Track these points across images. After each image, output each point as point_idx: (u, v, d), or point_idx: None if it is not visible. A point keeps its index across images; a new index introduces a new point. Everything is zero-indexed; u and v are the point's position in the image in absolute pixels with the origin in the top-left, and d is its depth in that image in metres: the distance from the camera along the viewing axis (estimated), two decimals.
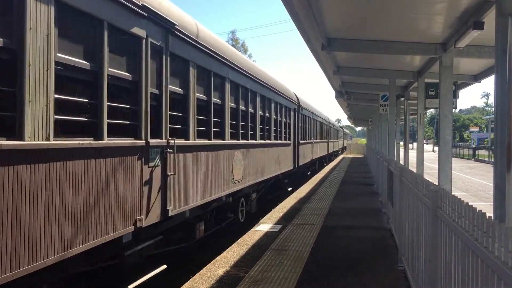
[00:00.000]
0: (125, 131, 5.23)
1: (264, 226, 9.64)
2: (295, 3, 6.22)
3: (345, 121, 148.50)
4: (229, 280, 5.99)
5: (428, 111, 37.18)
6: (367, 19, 6.97)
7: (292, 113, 16.76)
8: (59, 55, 4.07)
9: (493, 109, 4.91)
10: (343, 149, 63.12)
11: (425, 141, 18.65)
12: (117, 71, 5.01)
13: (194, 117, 7.03)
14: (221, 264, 6.74)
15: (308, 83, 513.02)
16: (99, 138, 4.60)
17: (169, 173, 6.06)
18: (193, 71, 6.99)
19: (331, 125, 36.36)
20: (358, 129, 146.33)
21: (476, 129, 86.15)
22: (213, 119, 7.93)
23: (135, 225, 5.24)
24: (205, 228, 8.36)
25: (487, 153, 44.11)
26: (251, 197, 11.86)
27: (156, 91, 5.85)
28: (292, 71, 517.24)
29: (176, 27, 6.26)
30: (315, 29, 7.21)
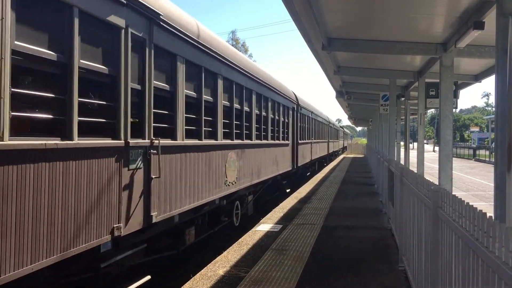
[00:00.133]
0: (101, 130, 4.81)
1: (264, 226, 9.64)
2: (295, 3, 6.22)
3: (346, 121, 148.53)
4: (229, 280, 5.99)
5: (428, 111, 37.14)
6: (368, 19, 6.97)
7: (290, 112, 16.31)
8: (16, 43, 3.60)
9: (494, 109, 4.91)
10: (343, 149, 63.05)
11: (425, 141, 18.64)
12: (91, 64, 4.50)
13: (182, 115, 6.55)
14: (222, 264, 6.74)
15: (308, 83, 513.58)
16: (68, 137, 4.12)
17: (153, 176, 5.60)
18: (181, 66, 6.51)
19: (331, 125, 36.01)
20: (358, 129, 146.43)
21: (476, 129, 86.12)
22: (204, 118, 7.48)
23: (112, 234, 4.76)
24: (197, 233, 7.98)
25: (487, 153, 44.10)
26: (247, 200, 11.45)
27: (138, 87, 5.38)
28: (292, 71, 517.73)
29: (161, 17, 5.79)
30: (316, 29, 7.22)
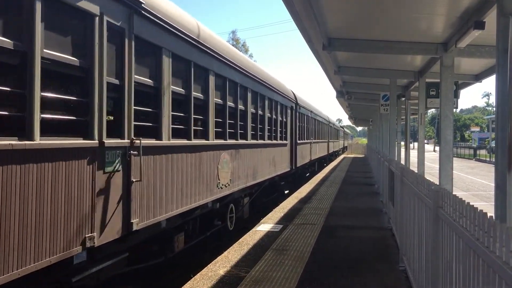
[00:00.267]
0: (71, 129, 4.40)
1: (265, 226, 9.64)
2: (296, 3, 6.22)
3: (346, 121, 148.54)
4: (230, 280, 5.99)
5: (429, 111, 37.15)
6: (368, 19, 6.97)
7: (288, 111, 15.81)
8: None
9: (494, 109, 4.92)
10: (343, 149, 62.99)
11: (426, 141, 18.64)
12: (58, 54, 4.04)
13: (168, 113, 6.10)
14: (222, 264, 6.75)
15: (308, 83, 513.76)
16: (27, 137, 3.69)
17: (134, 180, 5.15)
18: (167, 60, 6.04)
19: (331, 125, 35.62)
20: (359, 129, 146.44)
21: (477, 129, 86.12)
22: (194, 117, 7.01)
23: (84, 245, 4.30)
24: (187, 239, 7.52)
25: (486, 152, 44.20)
26: (242, 202, 10.98)
27: (115, 81, 4.92)
28: (292, 71, 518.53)
29: (143, 6, 5.34)
30: (316, 29, 7.22)
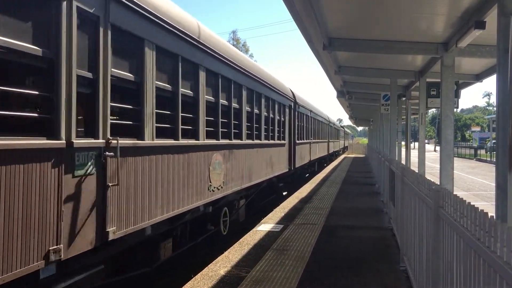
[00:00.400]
0: (32, 128, 4.00)
1: (265, 226, 9.65)
2: (296, 3, 6.22)
3: (347, 121, 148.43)
4: (230, 280, 5.99)
5: (429, 111, 37.16)
6: (369, 19, 6.97)
7: (287, 110, 15.32)
8: None
9: (495, 109, 4.92)
10: (344, 149, 62.90)
11: (426, 141, 18.63)
12: (12, 41, 3.59)
13: (151, 111, 5.62)
14: (223, 264, 6.75)
15: (309, 83, 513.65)
16: None
17: (110, 184, 4.68)
18: (151, 53, 5.59)
19: (331, 124, 35.30)
20: (359, 129, 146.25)
21: (477, 128, 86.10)
22: (182, 115, 6.53)
23: (47, 259, 3.84)
24: (175, 245, 7.09)
25: (485, 152, 44.26)
26: (237, 205, 10.54)
27: (88, 75, 4.45)
28: (292, 71, 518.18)
29: None
30: (317, 29, 7.21)
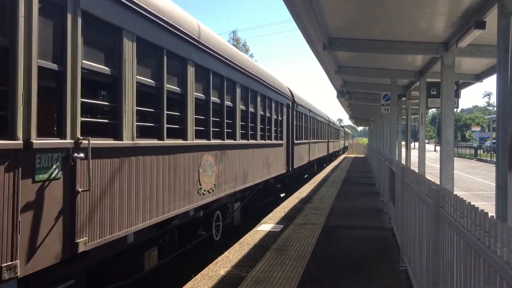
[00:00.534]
0: None
1: (265, 226, 9.65)
2: (296, 4, 6.22)
3: (347, 121, 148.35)
4: (231, 280, 5.99)
5: (429, 111, 37.17)
6: (369, 19, 6.96)
7: (284, 109, 14.80)
8: None
9: (495, 109, 4.92)
10: (344, 149, 62.83)
11: (426, 141, 18.61)
12: None
13: (131, 108, 5.18)
14: (223, 264, 6.75)
15: (309, 83, 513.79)
16: None
17: (80, 189, 4.25)
18: (130, 45, 5.13)
19: (331, 124, 34.99)
20: (359, 128, 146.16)
21: (478, 128, 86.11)
22: (167, 113, 6.09)
23: (0, 277, 3.39)
24: (162, 253, 6.70)
25: (482, 152, 44.36)
26: (232, 208, 10.12)
27: (53, 66, 4.02)
28: (292, 71, 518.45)
29: None
30: (317, 29, 7.21)
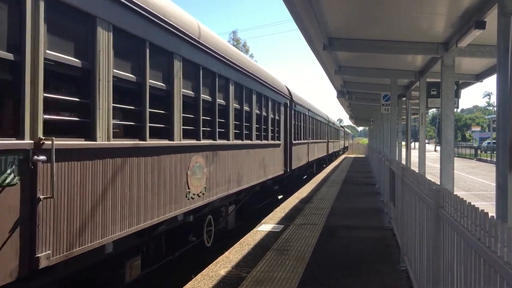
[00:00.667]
0: None
1: (266, 226, 9.65)
2: (296, 4, 6.22)
3: (347, 121, 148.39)
4: (231, 280, 5.99)
5: (430, 111, 37.17)
6: (369, 19, 6.97)
7: (282, 108, 14.39)
8: None
9: (495, 109, 4.92)
10: (344, 149, 62.74)
11: (426, 141, 18.62)
12: None
13: (107, 105, 4.73)
14: (223, 264, 6.75)
15: (309, 83, 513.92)
16: None
17: (42, 196, 3.82)
18: (106, 35, 4.68)
19: (330, 124, 34.60)
20: (359, 129, 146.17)
21: (478, 128, 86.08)
22: (150, 111, 5.63)
23: None
24: (145, 263, 6.22)
25: (480, 151, 44.45)
26: (225, 212, 9.65)
27: (7, 56, 3.58)
28: (292, 71, 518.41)
29: None
30: (317, 29, 7.21)
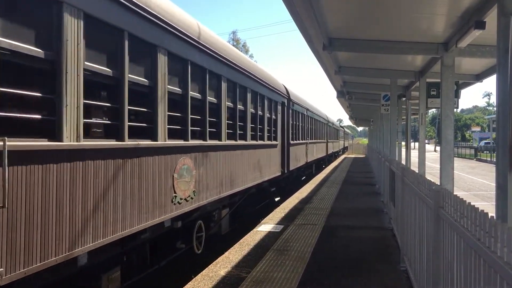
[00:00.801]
0: None
1: (266, 226, 9.65)
2: (296, 4, 6.22)
3: (347, 121, 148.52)
4: (231, 280, 5.99)
5: (429, 111, 37.16)
6: (369, 19, 6.97)
7: (279, 107, 13.87)
8: None
9: (495, 109, 4.92)
10: (344, 150, 62.66)
11: (426, 141, 18.62)
12: None
13: (76, 101, 4.23)
14: (223, 264, 6.74)
15: (309, 84, 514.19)
16: None
17: None
18: (75, 23, 4.19)
19: (330, 124, 34.16)
20: (359, 129, 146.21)
21: (478, 128, 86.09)
22: (130, 108, 5.14)
23: None
24: (126, 274, 5.76)
25: (487, 153, 44.34)
26: (218, 216, 9.21)
27: None
28: (292, 71, 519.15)
29: None
30: (317, 29, 7.21)
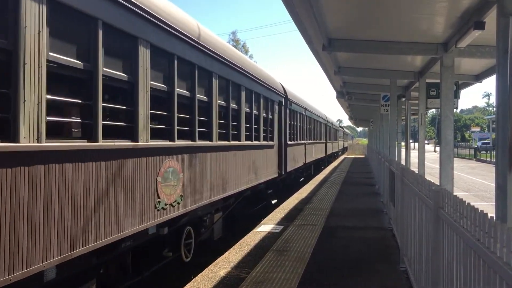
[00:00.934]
0: None
1: (265, 226, 9.64)
2: (296, 4, 6.22)
3: (347, 122, 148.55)
4: (230, 281, 5.98)
5: (429, 111, 37.17)
6: (368, 20, 6.97)
7: (276, 107, 13.47)
8: None
9: (495, 109, 4.92)
10: (344, 150, 62.63)
11: (426, 141, 18.63)
12: None
13: (36, 96, 3.72)
14: (223, 265, 6.74)
15: (309, 84, 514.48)
16: None
17: None
18: (35, 8, 3.71)
19: (329, 124, 33.89)
20: (359, 129, 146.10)
21: (477, 129, 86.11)
22: (104, 105, 4.73)
23: None
24: (104, 286, 5.47)
25: (484, 153, 44.45)
26: (210, 221, 8.71)
27: None
28: (292, 71, 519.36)
29: None
30: (316, 30, 7.21)
